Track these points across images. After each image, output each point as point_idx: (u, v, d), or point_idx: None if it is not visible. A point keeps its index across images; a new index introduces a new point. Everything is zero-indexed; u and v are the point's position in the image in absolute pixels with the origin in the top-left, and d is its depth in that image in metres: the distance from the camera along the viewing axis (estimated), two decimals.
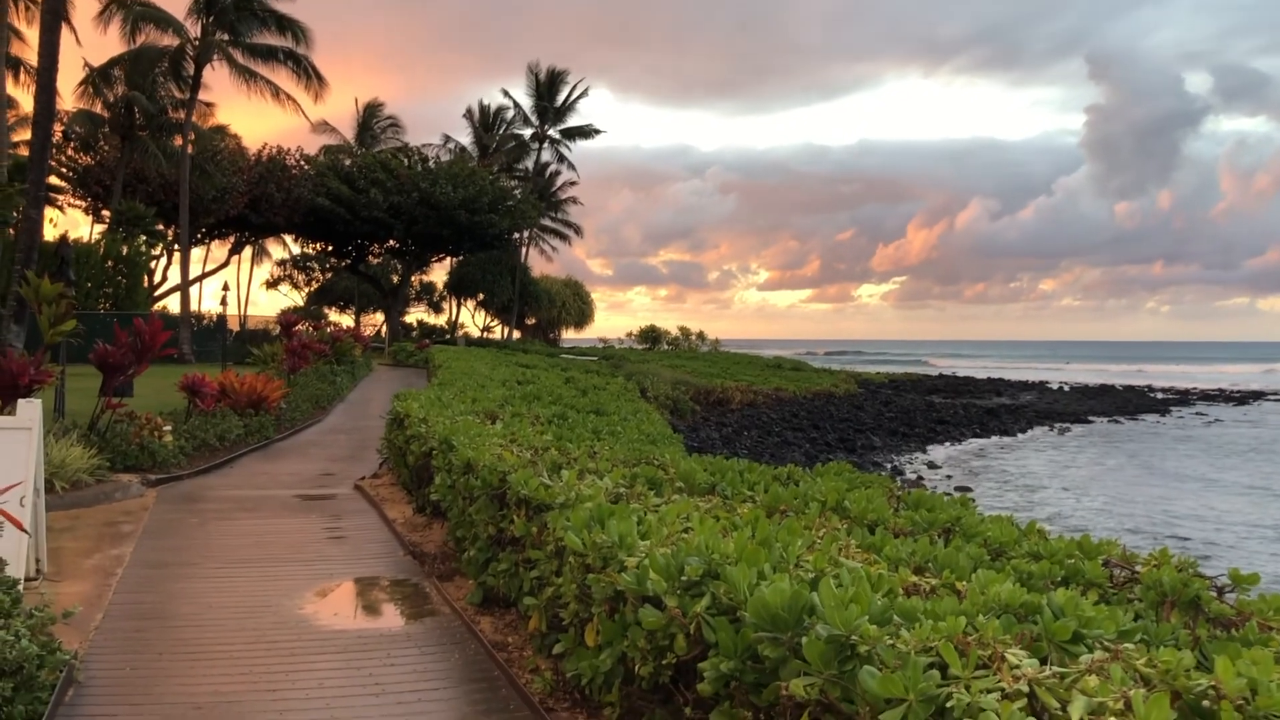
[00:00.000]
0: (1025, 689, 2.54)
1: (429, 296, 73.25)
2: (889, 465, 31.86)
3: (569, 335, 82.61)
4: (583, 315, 79.33)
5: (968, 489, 27.49)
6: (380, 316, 67.65)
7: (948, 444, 40.04)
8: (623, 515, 4.85)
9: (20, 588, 5.75)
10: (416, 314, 72.34)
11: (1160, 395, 72.12)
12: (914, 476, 29.05)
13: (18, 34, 33.31)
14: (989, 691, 2.55)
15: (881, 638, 2.90)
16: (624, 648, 4.20)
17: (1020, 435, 44.25)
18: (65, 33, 33.17)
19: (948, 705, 2.55)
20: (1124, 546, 5.28)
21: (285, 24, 41.77)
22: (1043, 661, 2.91)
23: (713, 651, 3.57)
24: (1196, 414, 57.55)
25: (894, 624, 3.16)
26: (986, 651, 2.85)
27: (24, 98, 39.03)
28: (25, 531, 6.52)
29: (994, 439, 42.48)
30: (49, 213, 43.01)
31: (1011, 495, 26.10)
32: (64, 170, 44.49)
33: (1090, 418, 52.78)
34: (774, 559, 3.93)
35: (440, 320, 72.66)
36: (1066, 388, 76.52)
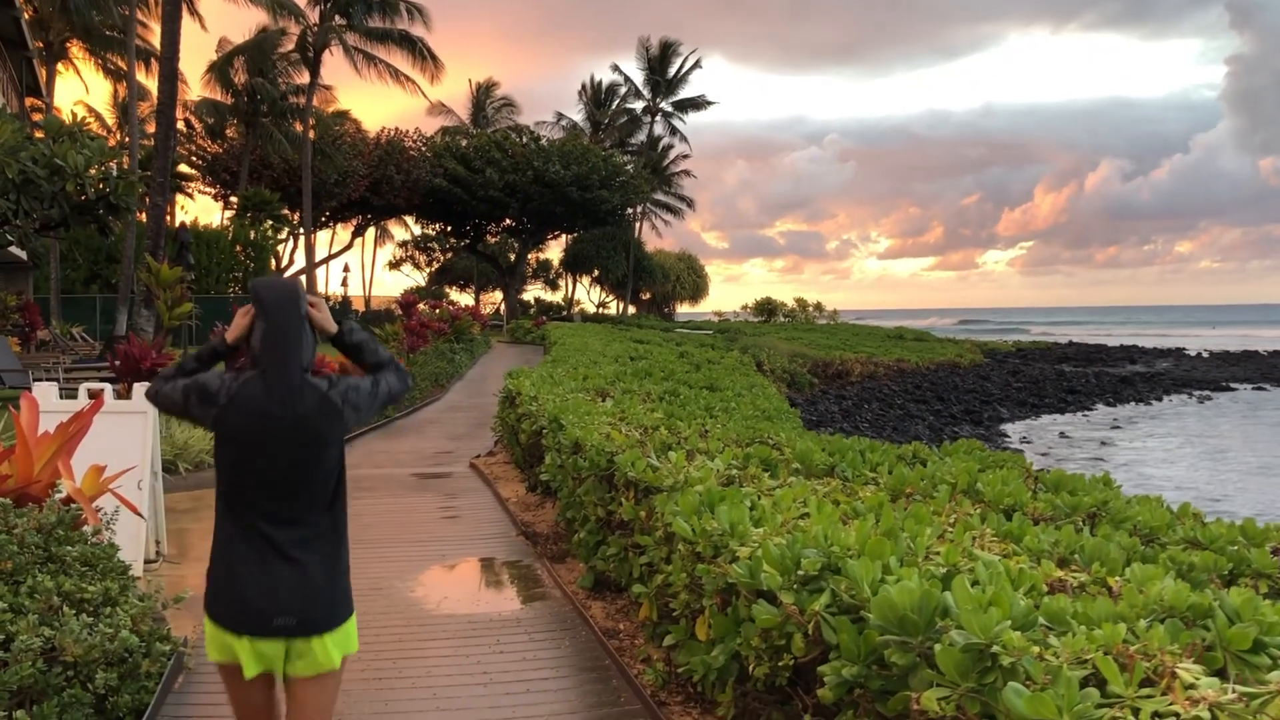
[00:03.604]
0: (1206, 715, 2.15)
1: (545, 274, 73.87)
2: (1017, 437, 30.77)
3: (684, 309, 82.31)
4: (697, 289, 78.86)
5: (1101, 461, 26.32)
6: (499, 294, 68.48)
7: (1080, 414, 38.49)
8: (734, 500, 4.55)
9: (135, 572, 5.77)
10: (533, 291, 73.10)
11: None
12: (1045, 450, 27.94)
13: (144, 26, 34.44)
14: (1162, 716, 2.18)
15: (1028, 648, 2.54)
16: (737, 645, 3.91)
17: (1156, 404, 42.25)
18: (191, 21, 34.23)
19: None
20: None
21: (400, 7, 42.29)
22: (1217, 675, 2.52)
23: (834, 654, 3.25)
24: None
25: (1038, 628, 2.80)
26: (1150, 663, 2.47)
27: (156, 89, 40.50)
28: (141, 516, 6.56)
29: (1128, 407, 40.66)
30: (181, 200, 44.73)
31: (1149, 469, 24.84)
32: (194, 158, 46.12)
33: (1232, 385, 50.07)
34: (900, 551, 3.58)
35: (556, 297, 73.26)
36: (1206, 354, 72.71)
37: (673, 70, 64.61)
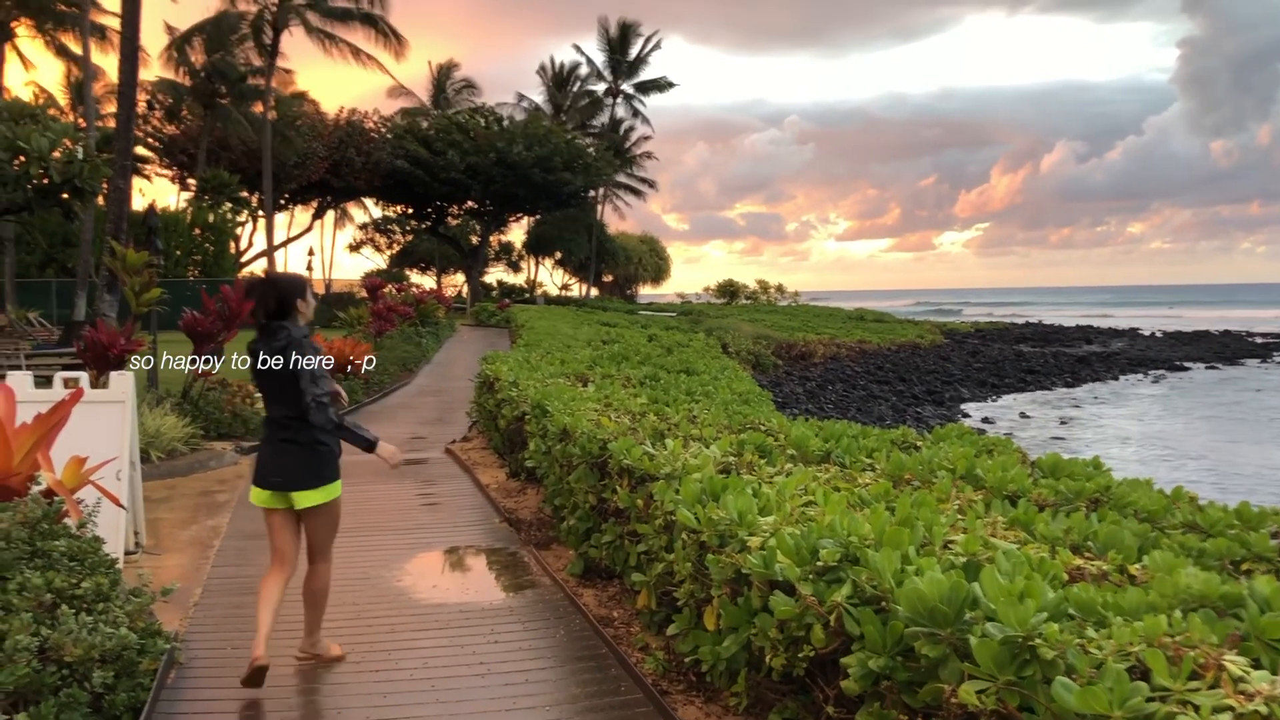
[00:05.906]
0: (1264, 709, 2.15)
1: (508, 256, 73.43)
2: (979, 417, 31.08)
3: (646, 291, 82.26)
4: (659, 271, 78.86)
5: (1062, 440, 26.65)
6: (461, 277, 67.99)
7: (1039, 393, 38.96)
8: (738, 489, 4.52)
9: (119, 565, 5.64)
10: (496, 274, 72.66)
11: (1260, 340, 69.32)
12: (1007, 430, 28.23)
13: (96, 5, 33.64)
14: (1219, 711, 2.17)
15: (1070, 641, 2.53)
16: (750, 634, 3.88)
17: (1113, 383, 42.89)
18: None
19: None
20: None
21: None
22: (1254, 666, 2.52)
23: (857, 645, 3.23)
24: None
25: (1071, 619, 2.80)
26: (1192, 653, 2.47)
27: (111, 67, 39.58)
28: (122, 507, 6.42)
29: (1086, 388, 41.22)
30: (137, 182, 43.90)
31: (1115, 449, 25.18)
32: (150, 140, 45.28)
33: (1186, 364, 50.95)
34: (917, 540, 3.57)
35: (519, 280, 72.87)
36: (1159, 334, 73.90)
37: (633, 51, 64.35)
